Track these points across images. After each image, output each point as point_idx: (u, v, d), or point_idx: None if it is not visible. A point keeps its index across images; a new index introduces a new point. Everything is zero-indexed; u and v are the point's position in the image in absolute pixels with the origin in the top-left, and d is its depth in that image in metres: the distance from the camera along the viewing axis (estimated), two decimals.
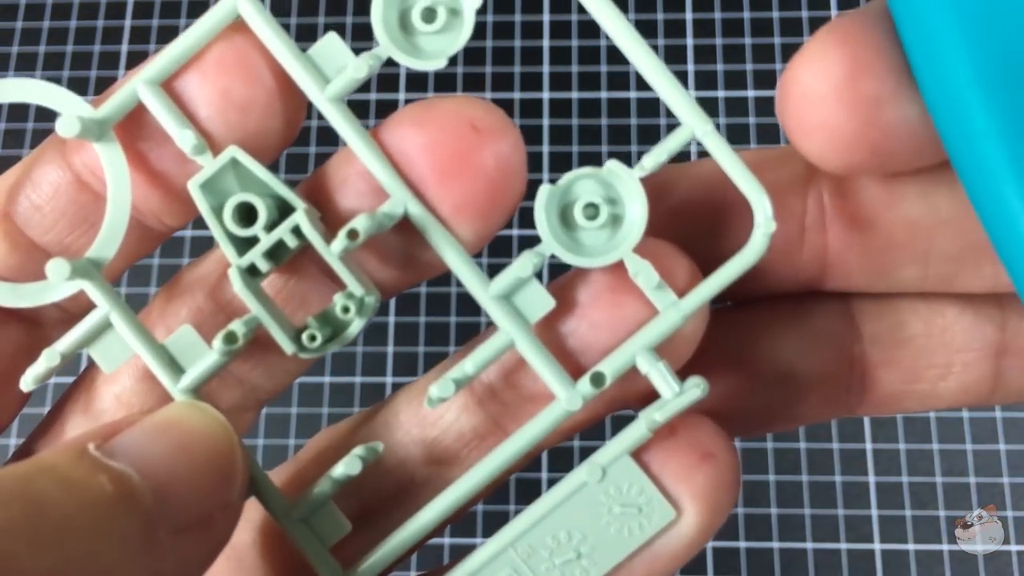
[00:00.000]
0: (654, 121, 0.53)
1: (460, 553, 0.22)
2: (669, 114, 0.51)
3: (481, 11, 0.20)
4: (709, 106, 0.52)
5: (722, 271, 0.20)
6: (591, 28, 0.54)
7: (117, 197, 0.20)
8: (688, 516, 0.20)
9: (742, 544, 0.47)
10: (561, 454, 0.48)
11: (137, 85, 0.20)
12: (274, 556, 0.22)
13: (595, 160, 0.52)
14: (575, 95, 0.53)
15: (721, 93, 0.53)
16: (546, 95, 0.53)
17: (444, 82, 0.54)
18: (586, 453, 0.21)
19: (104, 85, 0.56)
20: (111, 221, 0.21)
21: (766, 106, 0.53)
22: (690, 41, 0.54)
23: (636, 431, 0.20)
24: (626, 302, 0.20)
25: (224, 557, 0.20)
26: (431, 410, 0.22)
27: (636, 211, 0.20)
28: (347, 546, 0.21)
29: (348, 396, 0.49)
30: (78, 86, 0.56)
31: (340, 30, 0.54)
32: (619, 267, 0.20)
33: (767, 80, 0.53)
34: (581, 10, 0.53)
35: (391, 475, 0.23)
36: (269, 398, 0.23)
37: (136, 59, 0.56)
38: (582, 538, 0.20)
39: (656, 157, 0.20)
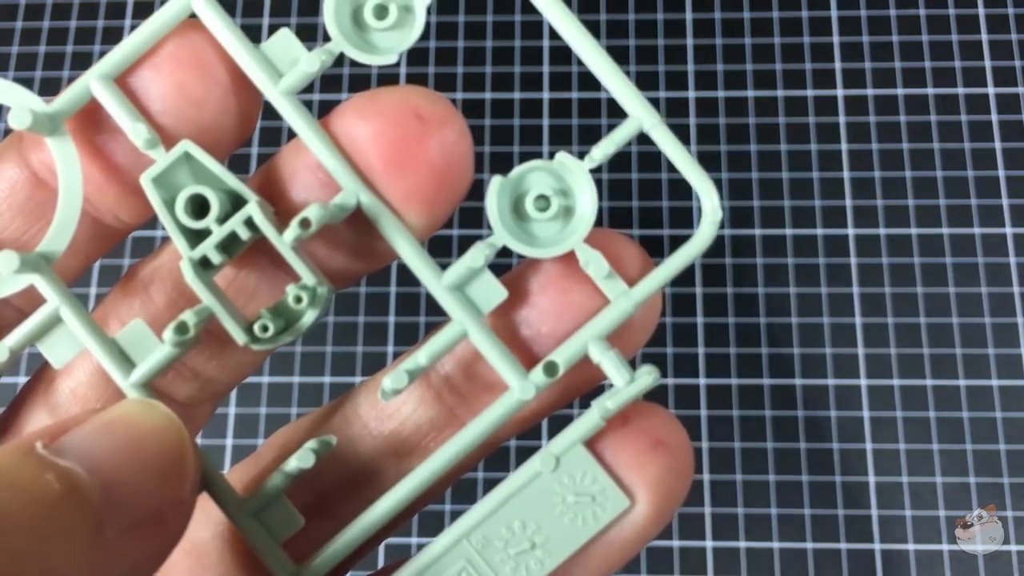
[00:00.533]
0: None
1: None
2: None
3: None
4: (708, 105, 0.52)
5: (672, 259, 0.20)
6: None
7: (68, 191, 0.20)
8: (641, 504, 0.20)
9: (742, 544, 0.46)
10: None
11: (90, 80, 0.20)
12: (234, 552, 0.22)
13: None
14: (517, 95, 0.53)
15: (721, 93, 0.52)
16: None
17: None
18: None
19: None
20: (62, 215, 0.20)
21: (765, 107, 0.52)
22: (690, 41, 0.53)
23: (589, 420, 0.20)
24: (576, 290, 0.20)
25: (183, 553, 0.20)
26: (388, 403, 0.22)
27: (586, 202, 0.20)
28: (305, 540, 0.21)
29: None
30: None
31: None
32: (571, 257, 0.20)
33: (766, 81, 0.52)
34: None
35: (349, 468, 0.22)
36: (225, 390, 0.23)
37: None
38: (536, 528, 0.20)
39: (604, 149, 0.20)
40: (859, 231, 0.49)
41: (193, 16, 0.20)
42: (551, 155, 0.49)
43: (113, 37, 0.55)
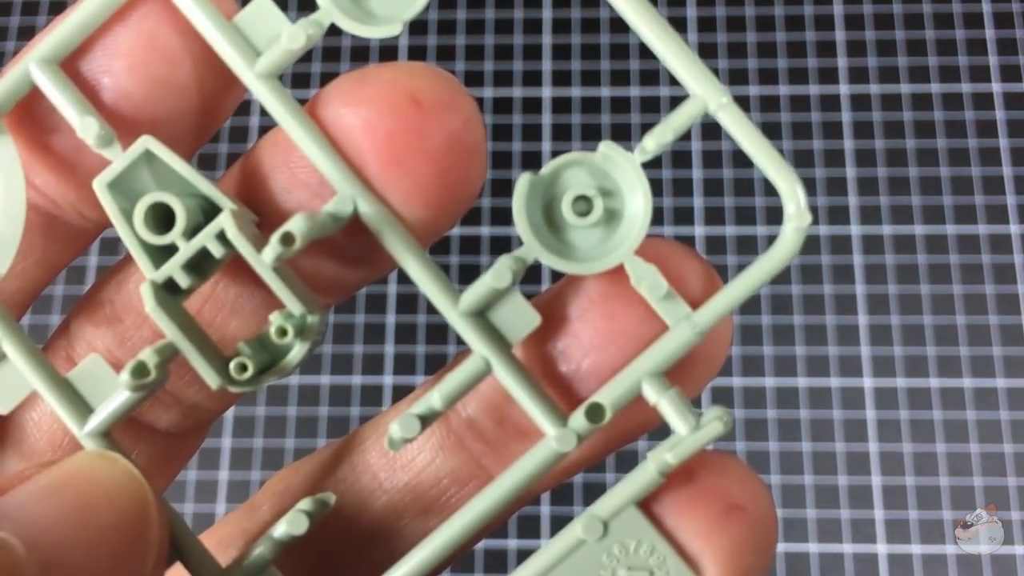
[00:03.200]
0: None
1: None
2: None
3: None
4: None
5: (746, 276, 0.15)
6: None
7: (10, 202, 0.16)
8: None
9: None
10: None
11: (29, 65, 0.16)
12: None
13: None
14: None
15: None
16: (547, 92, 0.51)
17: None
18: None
19: None
20: (2, 232, 0.16)
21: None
22: (692, 38, 0.51)
23: (643, 476, 0.15)
24: (625, 315, 0.16)
25: None
26: (401, 451, 0.18)
27: (637, 204, 0.15)
28: None
29: (345, 397, 0.46)
30: None
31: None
32: (619, 273, 0.15)
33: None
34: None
35: (357, 527, 0.18)
36: (213, 417, 0.19)
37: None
38: None
39: (660, 137, 0.15)
40: (864, 229, 0.47)
41: None
42: (553, 154, 0.48)
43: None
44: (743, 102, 0.49)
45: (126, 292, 0.18)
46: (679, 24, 0.51)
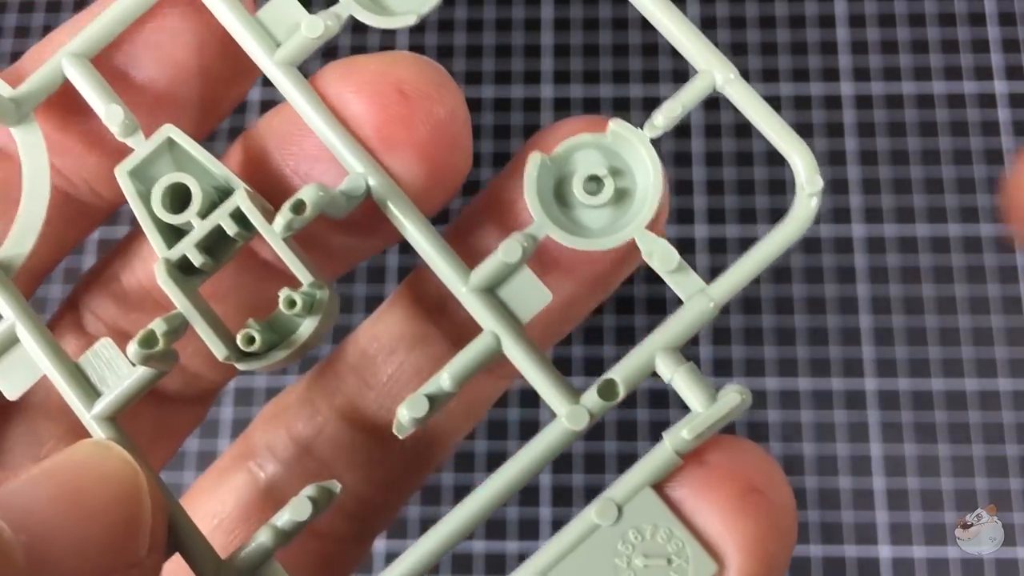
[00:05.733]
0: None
1: None
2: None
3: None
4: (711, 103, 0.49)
5: (761, 247, 0.15)
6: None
7: (33, 188, 0.17)
8: (733, 571, 0.15)
9: None
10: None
11: (62, 59, 0.17)
12: None
13: None
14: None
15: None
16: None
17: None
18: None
19: None
20: (25, 216, 0.17)
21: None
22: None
23: (659, 456, 0.15)
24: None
25: None
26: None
27: (648, 180, 0.16)
28: None
29: None
30: None
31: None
32: None
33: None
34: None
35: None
36: (216, 388, 0.20)
37: None
38: None
39: (669, 112, 0.16)
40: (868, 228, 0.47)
41: None
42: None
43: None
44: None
45: (133, 271, 0.19)
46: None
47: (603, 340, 0.45)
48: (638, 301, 0.46)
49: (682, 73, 0.50)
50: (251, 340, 0.16)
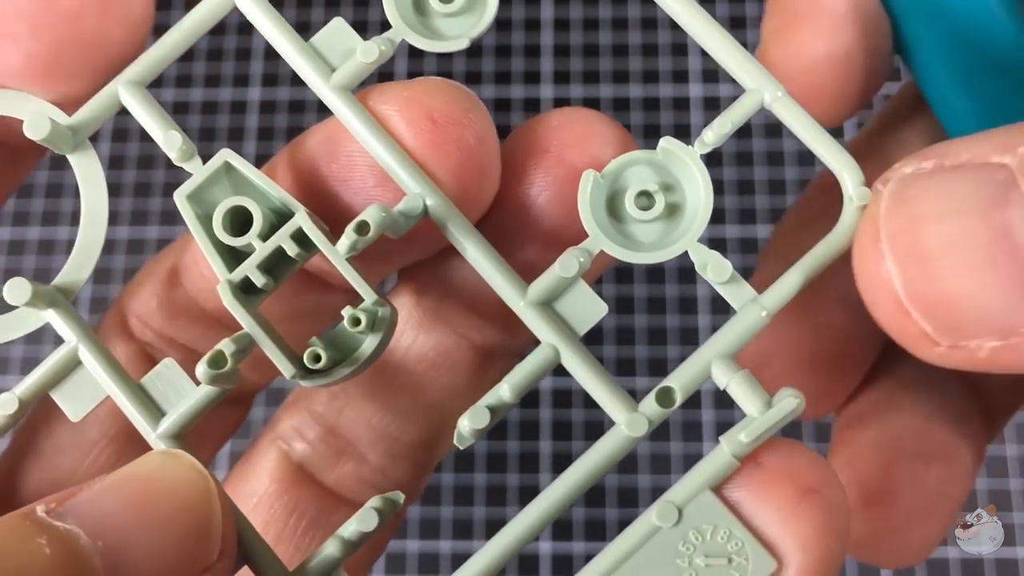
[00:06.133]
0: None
1: None
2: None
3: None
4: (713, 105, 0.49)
5: (809, 257, 0.16)
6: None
7: (92, 214, 0.17)
8: (792, 570, 0.16)
9: None
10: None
11: (118, 87, 0.17)
12: None
13: None
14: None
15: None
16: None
17: None
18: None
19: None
20: (84, 242, 0.18)
21: None
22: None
23: (718, 459, 0.16)
24: None
25: None
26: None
27: (699, 195, 0.16)
28: None
29: None
30: None
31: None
32: None
33: None
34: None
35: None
36: (257, 390, 0.21)
37: None
38: None
39: (719, 129, 0.16)
40: None
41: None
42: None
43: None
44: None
45: (178, 279, 0.19)
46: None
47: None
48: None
49: (682, 73, 0.50)
50: (317, 358, 0.16)
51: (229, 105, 0.50)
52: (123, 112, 0.18)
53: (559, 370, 0.17)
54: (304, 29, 0.17)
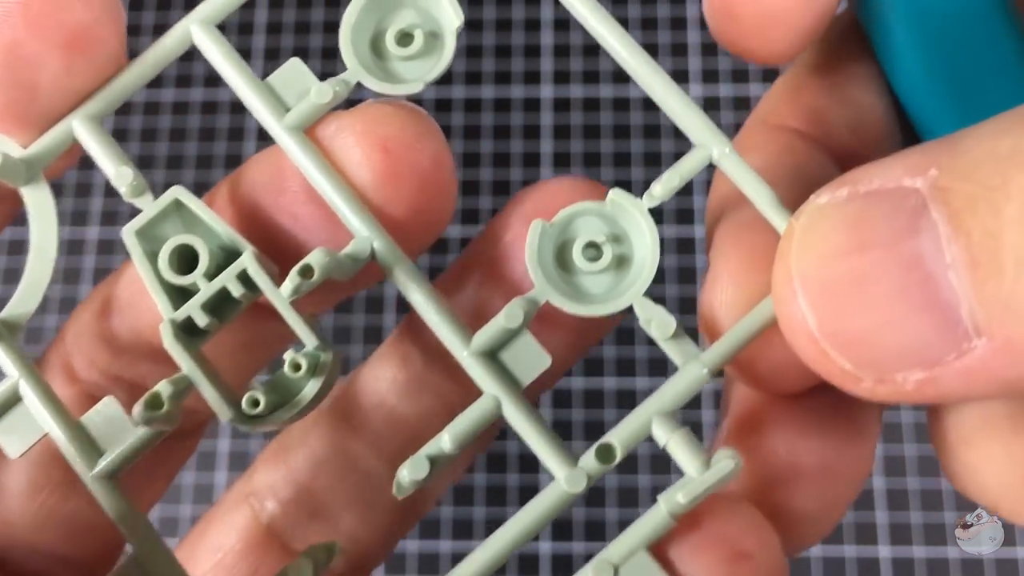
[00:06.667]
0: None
1: None
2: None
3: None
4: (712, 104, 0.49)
5: (754, 314, 0.16)
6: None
7: (41, 248, 0.17)
8: None
9: None
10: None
11: (73, 122, 0.17)
12: None
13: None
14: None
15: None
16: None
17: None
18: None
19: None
20: (32, 276, 0.17)
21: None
22: (694, 38, 0.51)
23: (655, 518, 0.16)
24: None
25: None
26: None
27: (646, 248, 0.16)
28: None
29: None
30: None
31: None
32: None
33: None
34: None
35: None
36: (207, 419, 0.20)
37: None
38: None
39: (667, 183, 0.16)
40: None
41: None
42: (554, 154, 0.48)
43: None
44: (744, 102, 0.49)
45: (123, 315, 0.19)
46: (679, 23, 0.51)
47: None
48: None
49: (681, 74, 0.50)
50: (256, 403, 0.16)
51: (229, 105, 0.50)
52: None
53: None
54: (304, 30, 0.17)
